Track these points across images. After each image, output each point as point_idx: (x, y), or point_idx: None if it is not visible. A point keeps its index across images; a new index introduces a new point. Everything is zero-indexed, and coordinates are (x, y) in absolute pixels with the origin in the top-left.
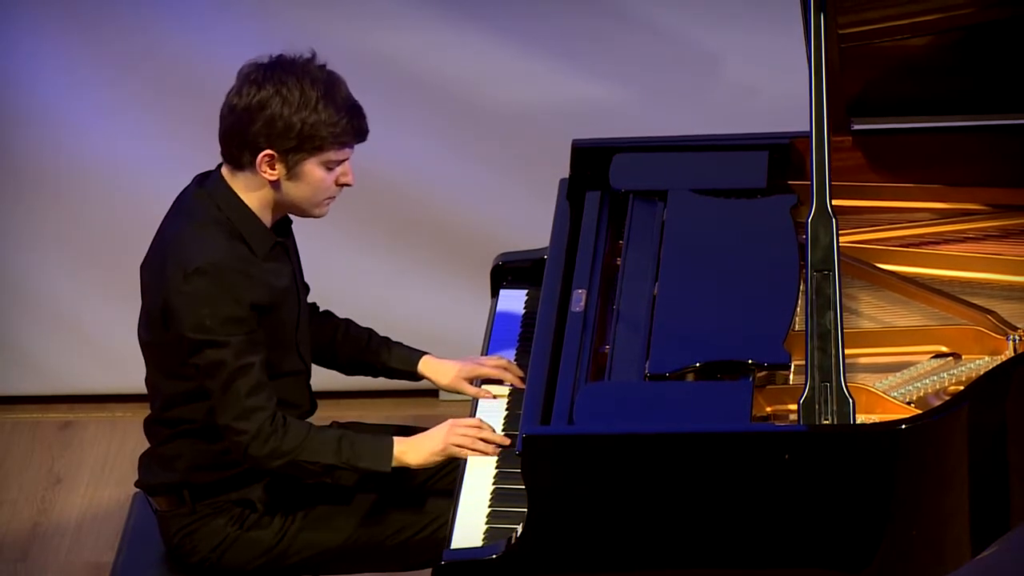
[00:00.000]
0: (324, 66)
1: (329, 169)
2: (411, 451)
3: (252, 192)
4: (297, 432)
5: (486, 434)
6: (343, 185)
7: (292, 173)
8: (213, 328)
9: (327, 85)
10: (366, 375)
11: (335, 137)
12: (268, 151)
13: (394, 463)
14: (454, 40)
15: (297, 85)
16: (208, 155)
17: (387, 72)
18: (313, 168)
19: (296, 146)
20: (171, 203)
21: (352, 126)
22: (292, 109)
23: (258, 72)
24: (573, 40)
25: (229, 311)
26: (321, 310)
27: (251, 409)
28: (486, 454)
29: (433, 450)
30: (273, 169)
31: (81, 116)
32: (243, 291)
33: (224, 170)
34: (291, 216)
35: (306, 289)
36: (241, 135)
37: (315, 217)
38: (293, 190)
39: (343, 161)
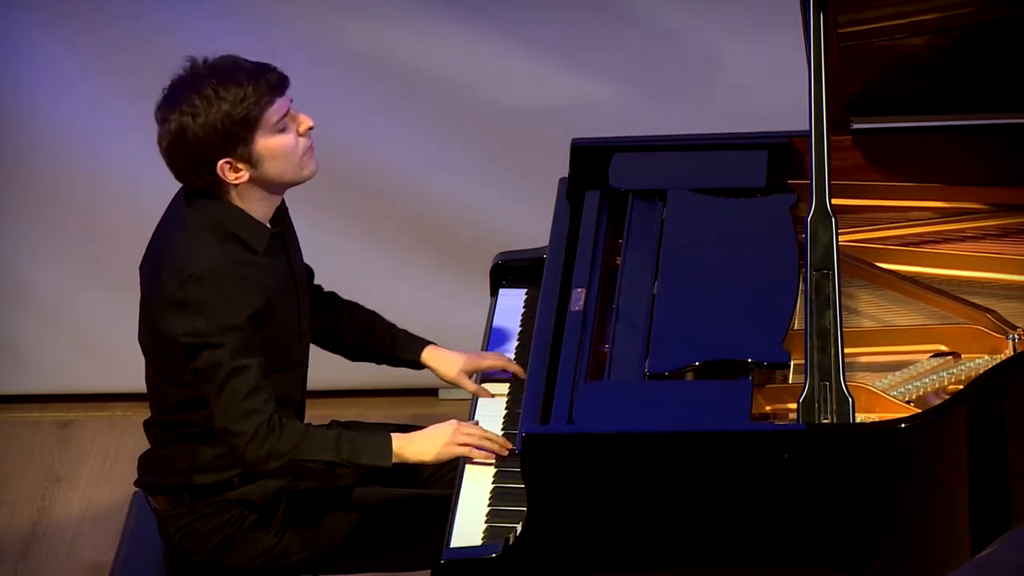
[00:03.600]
0: (205, 60)
1: (282, 131)
2: (409, 446)
3: (235, 195)
4: (294, 432)
5: (490, 441)
6: (308, 131)
7: (255, 161)
8: (209, 332)
9: (216, 73)
10: (370, 361)
11: (255, 104)
12: (220, 160)
13: (394, 459)
14: (454, 40)
15: (193, 93)
16: None
17: (387, 72)
18: (267, 141)
19: (234, 137)
20: (168, 203)
21: (262, 84)
22: (205, 115)
23: (160, 110)
24: (573, 40)
25: (225, 319)
26: (326, 291)
27: (248, 411)
28: (486, 460)
29: (433, 447)
30: (238, 171)
31: (79, 114)
32: (239, 299)
33: None
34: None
35: (308, 273)
36: (189, 167)
37: (307, 179)
38: (270, 171)
39: (287, 114)
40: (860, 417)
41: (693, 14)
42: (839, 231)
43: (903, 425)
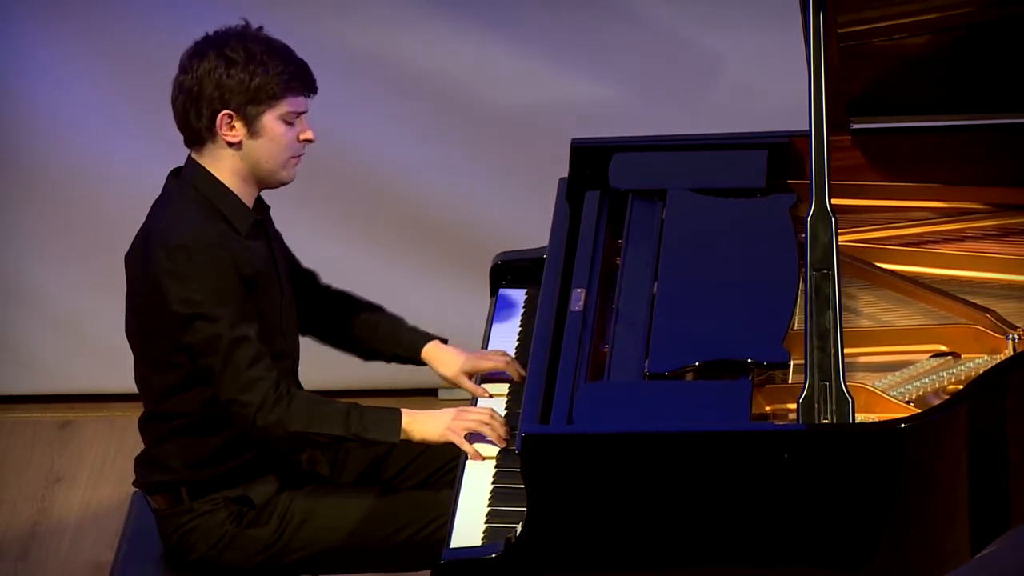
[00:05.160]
0: (261, 28)
1: (288, 124)
2: (417, 424)
3: (223, 164)
4: (303, 402)
5: (489, 428)
6: (305, 142)
7: (253, 130)
8: (202, 302)
9: (268, 43)
10: (379, 359)
11: (286, 84)
12: (225, 111)
13: (402, 435)
14: (454, 40)
15: (240, 45)
16: None
17: (386, 72)
18: (272, 122)
19: (251, 99)
20: None
21: (300, 74)
22: (240, 66)
23: (199, 46)
24: (573, 40)
25: (216, 283)
26: (334, 288)
27: (254, 379)
28: (489, 448)
29: (437, 428)
30: (233, 129)
31: (80, 115)
32: (227, 263)
33: (192, 155)
34: (265, 197)
35: (313, 275)
36: (196, 105)
37: (284, 182)
38: (258, 149)
39: (300, 115)
40: (860, 417)
41: (693, 14)
42: (839, 231)
43: (903, 425)
